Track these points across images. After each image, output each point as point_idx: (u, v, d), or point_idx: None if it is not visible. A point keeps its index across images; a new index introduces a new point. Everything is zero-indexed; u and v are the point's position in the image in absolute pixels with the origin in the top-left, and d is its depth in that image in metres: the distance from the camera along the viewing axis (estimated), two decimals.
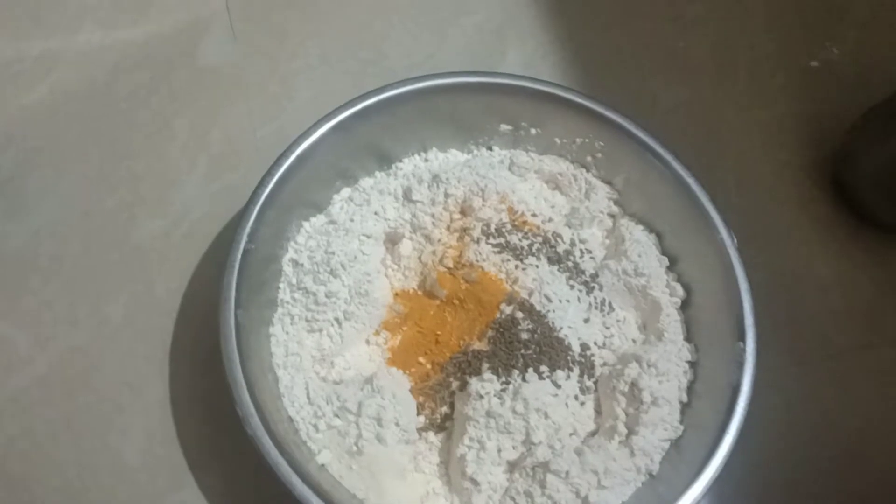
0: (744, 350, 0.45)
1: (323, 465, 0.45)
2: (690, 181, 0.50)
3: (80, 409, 0.50)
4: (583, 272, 0.51)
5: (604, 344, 0.50)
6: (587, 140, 0.53)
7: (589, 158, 0.54)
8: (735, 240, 0.49)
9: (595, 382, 0.49)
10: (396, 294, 0.51)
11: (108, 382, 0.51)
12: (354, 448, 0.45)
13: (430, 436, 0.48)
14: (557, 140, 0.54)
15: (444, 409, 0.48)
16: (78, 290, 0.54)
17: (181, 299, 0.54)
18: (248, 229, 0.46)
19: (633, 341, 0.51)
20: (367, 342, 0.50)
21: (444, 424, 0.48)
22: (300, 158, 0.49)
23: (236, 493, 0.48)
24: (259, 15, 0.65)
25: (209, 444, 0.49)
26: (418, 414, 0.48)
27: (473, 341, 0.49)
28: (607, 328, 0.51)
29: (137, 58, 0.63)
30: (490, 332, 0.48)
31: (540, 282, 0.49)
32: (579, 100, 0.52)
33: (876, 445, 0.54)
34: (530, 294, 0.49)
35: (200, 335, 0.52)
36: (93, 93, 0.61)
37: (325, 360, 0.49)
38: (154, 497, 0.48)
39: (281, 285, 0.50)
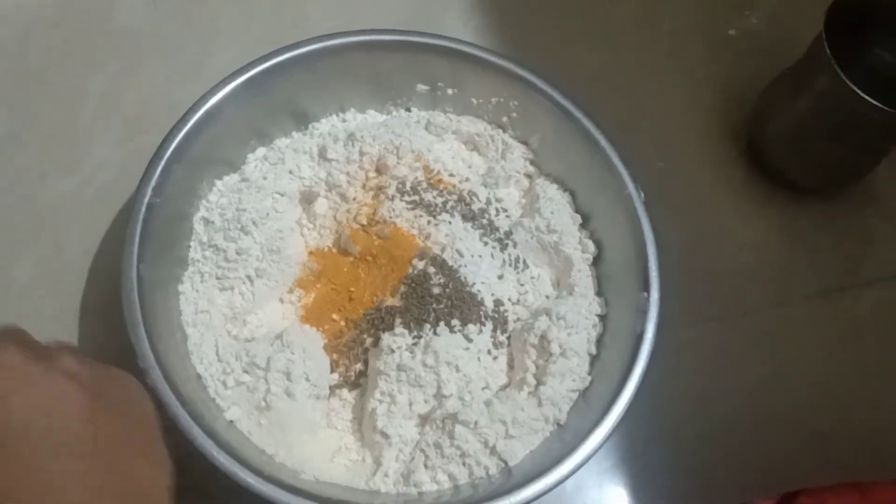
0: (647, 299, 0.46)
1: (231, 421, 0.44)
2: (600, 138, 0.50)
3: None
4: (497, 230, 0.52)
5: (518, 300, 0.51)
6: (502, 100, 0.54)
7: (505, 119, 0.55)
8: (642, 195, 0.49)
9: (508, 338, 0.50)
10: (311, 252, 0.51)
11: None
12: (263, 403, 0.44)
13: (344, 392, 0.48)
14: (474, 100, 0.54)
15: (359, 365, 0.48)
16: None
17: (91, 259, 0.53)
18: (152, 182, 0.45)
19: (547, 297, 0.52)
20: (281, 300, 0.50)
21: (359, 381, 0.48)
22: (209, 113, 0.48)
23: None
24: None
25: None
26: (332, 371, 0.48)
27: (387, 297, 0.49)
28: (521, 285, 0.51)
29: (51, 18, 0.61)
30: (403, 288, 0.48)
31: (452, 237, 0.49)
32: (493, 59, 0.52)
33: (787, 397, 0.55)
34: (443, 249, 0.49)
35: (110, 295, 0.50)
36: (4, 53, 0.59)
37: (237, 318, 0.48)
38: None
39: (192, 244, 0.49)
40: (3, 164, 0.55)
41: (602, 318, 0.49)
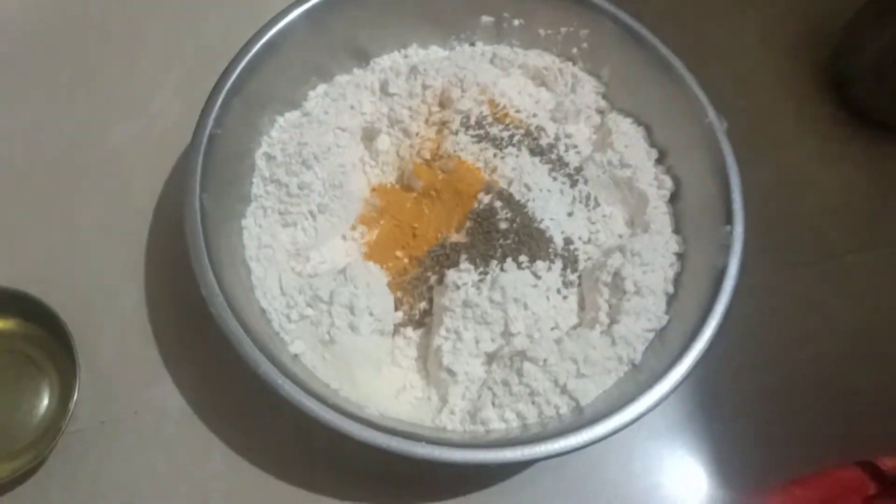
0: (730, 233, 0.43)
1: (296, 355, 0.44)
2: (677, 65, 0.47)
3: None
4: (567, 165, 0.49)
5: (589, 239, 0.48)
6: (572, 29, 0.51)
7: (574, 50, 0.52)
8: (724, 123, 0.46)
9: (579, 277, 0.47)
10: (373, 188, 0.50)
11: (81, 287, 0.50)
12: (327, 337, 0.43)
13: (409, 331, 0.47)
14: (542, 32, 0.52)
15: (423, 304, 0.47)
16: (51, 195, 0.53)
17: (156, 203, 0.53)
18: (213, 114, 0.45)
19: (620, 236, 0.49)
20: (344, 237, 0.49)
21: (423, 320, 0.47)
22: (268, 46, 0.47)
23: (210, 386, 0.47)
24: None
25: (184, 341, 0.48)
26: (396, 309, 0.47)
27: (451, 234, 0.47)
28: (592, 223, 0.49)
29: None
30: (468, 224, 0.47)
31: (520, 171, 0.47)
32: None
33: (870, 346, 0.51)
34: (509, 183, 0.47)
35: (176, 237, 0.50)
36: (65, 6, 0.60)
37: (300, 254, 0.48)
38: (128, 391, 0.47)
39: (254, 180, 0.48)
40: (68, 112, 0.56)
41: (680, 256, 0.47)
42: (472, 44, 0.54)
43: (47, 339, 0.47)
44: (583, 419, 0.41)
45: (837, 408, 0.50)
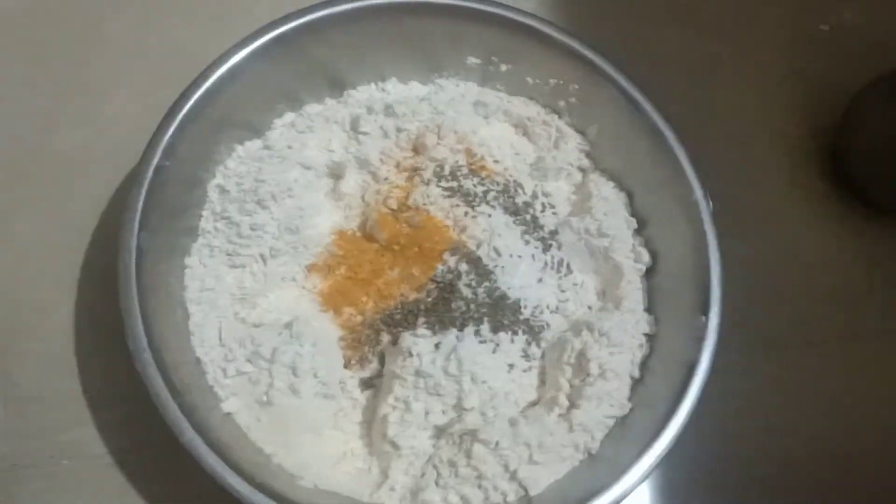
0: (706, 325, 0.41)
1: (229, 413, 0.40)
2: (668, 134, 0.45)
3: None
4: (541, 227, 0.46)
5: (557, 308, 0.46)
6: (561, 82, 0.48)
7: (562, 103, 0.49)
8: (711, 204, 0.44)
9: (543, 350, 0.45)
10: (333, 233, 0.46)
11: (9, 302, 0.46)
12: (264, 398, 0.40)
13: (356, 392, 0.44)
14: (529, 79, 0.49)
15: (374, 364, 0.44)
16: None
17: (98, 220, 0.49)
18: (163, 144, 0.41)
19: (590, 308, 0.46)
20: (295, 281, 0.45)
21: (373, 381, 0.44)
22: (233, 71, 0.43)
23: (135, 436, 0.44)
24: None
25: (112, 382, 0.45)
26: (345, 367, 0.43)
27: (411, 293, 0.44)
28: (563, 291, 0.46)
29: None
30: (430, 285, 0.44)
31: (491, 233, 0.44)
32: (556, 34, 0.46)
33: (848, 444, 0.49)
34: (478, 245, 0.44)
35: (113, 265, 0.47)
36: None
37: (247, 300, 0.44)
38: (46, 431, 0.44)
39: (204, 213, 0.45)
40: (12, 107, 0.51)
41: (650, 337, 0.44)
42: (456, 84, 0.50)
43: None
44: None
45: None
